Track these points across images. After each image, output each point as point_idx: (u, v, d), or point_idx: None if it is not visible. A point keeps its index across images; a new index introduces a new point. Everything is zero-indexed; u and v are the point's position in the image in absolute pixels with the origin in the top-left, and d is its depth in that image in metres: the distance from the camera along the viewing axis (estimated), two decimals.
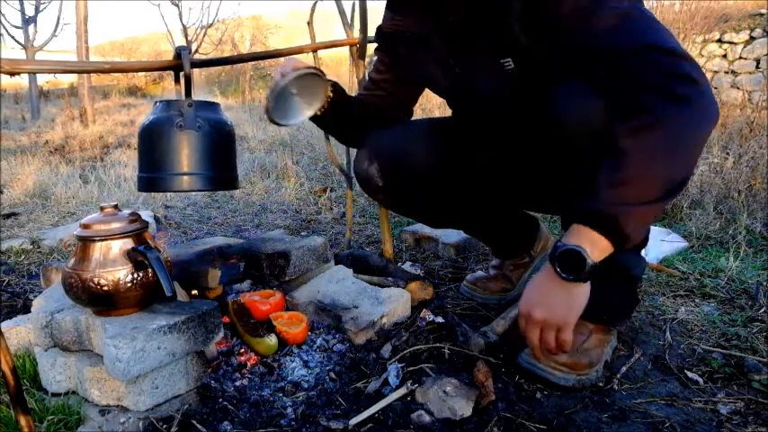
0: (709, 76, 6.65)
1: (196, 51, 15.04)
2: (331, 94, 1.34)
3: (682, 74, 0.90)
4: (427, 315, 1.48)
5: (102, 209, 1.13)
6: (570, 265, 0.96)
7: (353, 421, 1.06)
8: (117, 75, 15.98)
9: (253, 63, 15.36)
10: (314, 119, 1.38)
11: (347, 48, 1.80)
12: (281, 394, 1.18)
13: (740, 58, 6.48)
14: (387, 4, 1.34)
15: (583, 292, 1.00)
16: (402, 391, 1.14)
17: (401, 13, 1.30)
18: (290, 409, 1.12)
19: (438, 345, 1.34)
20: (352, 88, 1.83)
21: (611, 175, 0.92)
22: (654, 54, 0.92)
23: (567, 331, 1.01)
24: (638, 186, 0.91)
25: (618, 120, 0.94)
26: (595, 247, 0.94)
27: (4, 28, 13.55)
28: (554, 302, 1.00)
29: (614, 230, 0.93)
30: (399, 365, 1.25)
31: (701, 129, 0.92)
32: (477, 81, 1.23)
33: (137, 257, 1.08)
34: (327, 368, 1.27)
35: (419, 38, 1.27)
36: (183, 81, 1.23)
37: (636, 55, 0.93)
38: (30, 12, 13.80)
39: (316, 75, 1.27)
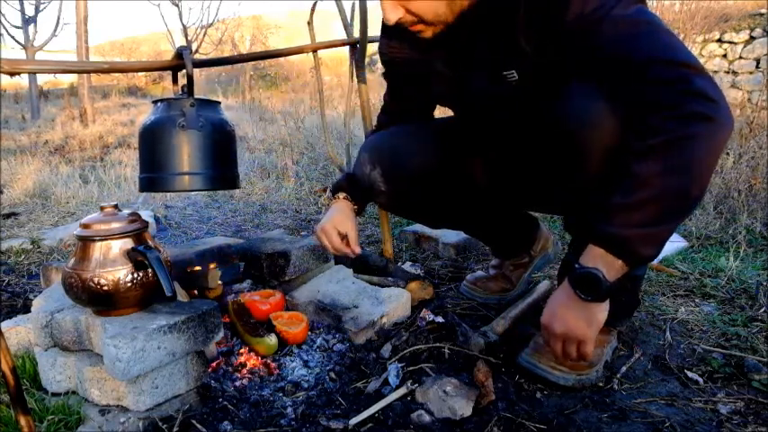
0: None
1: (196, 51, 15.03)
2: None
3: (695, 91, 0.88)
4: (427, 315, 1.48)
5: (102, 209, 1.13)
6: (588, 286, 0.98)
7: (353, 421, 1.06)
8: (117, 75, 15.98)
9: (253, 63, 15.36)
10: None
11: (347, 48, 1.80)
12: (281, 394, 1.18)
13: (740, 58, 6.48)
14: (381, 31, 1.33)
15: (602, 308, 1.02)
16: (402, 390, 1.14)
17: (395, 39, 1.29)
18: (290, 409, 1.12)
19: (438, 345, 1.34)
20: (352, 88, 1.83)
21: (623, 197, 0.92)
22: (666, 69, 0.90)
23: (588, 344, 1.04)
24: (651, 209, 0.91)
25: (630, 139, 0.93)
26: (611, 267, 0.96)
27: (4, 28, 13.55)
28: (574, 319, 1.02)
29: (628, 252, 0.94)
30: (399, 365, 1.25)
31: (716, 145, 0.90)
32: (480, 93, 1.23)
33: (137, 257, 1.08)
34: (327, 368, 1.27)
35: (416, 61, 1.26)
36: (186, 80, 1.23)
37: (647, 70, 0.91)
38: (30, 12, 13.80)
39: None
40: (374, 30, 1.64)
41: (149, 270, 1.08)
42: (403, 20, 1.06)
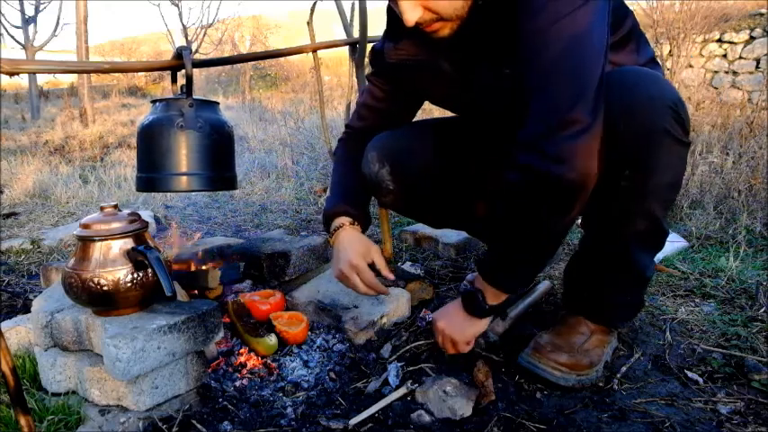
0: (709, 76, 6.66)
1: (196, 51, 15.03)
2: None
3: (521, 165, 0.96)
4: (427, 315, 1.48)
5: (102, 209, 1.13)
6: (469, 303, 1.15)
7: (353, 421, 1.06)
8: (117, 75, 15.99)
9: (253, 63, 15.37)
10: None
11: (347, 48, 1.81)
12: (281, 394, 1.18)
13: (740, 58, 6.49)
14: (384, 36, 1.31)
15: (479, 324, 1.18)
16: (402, 390, 1.14)
17: (401, 40, 1.26)
18: (290, 409, 1.12)
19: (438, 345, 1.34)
20: (351, 88, 1.83)
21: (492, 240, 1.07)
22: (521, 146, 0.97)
23: (460, 345, 1.20)
24: (500, 245, 1.08)
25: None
26: (487, 291, 1.12)
27: (4, 28, 13.56)
28: (453, 324, 1.19)
29: (489, 279, 1.10)
30: (399, 365, 1.25)
31: (538, 206, 0.98)
32: (483, 91, 1.23)
33: (137, 257, 1.08)
34: (327, 368, 1.27)
35: (424, 62, 1.24)
36: (185, 81, 1.23)
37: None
38: (30, 12, 13.81)
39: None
40: (374, 30, 1.64)
41: (149, 270, 1.08)
42: (422, 19, 1.05)
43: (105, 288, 1.06)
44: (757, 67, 6.33)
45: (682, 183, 1.17)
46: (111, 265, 1.07)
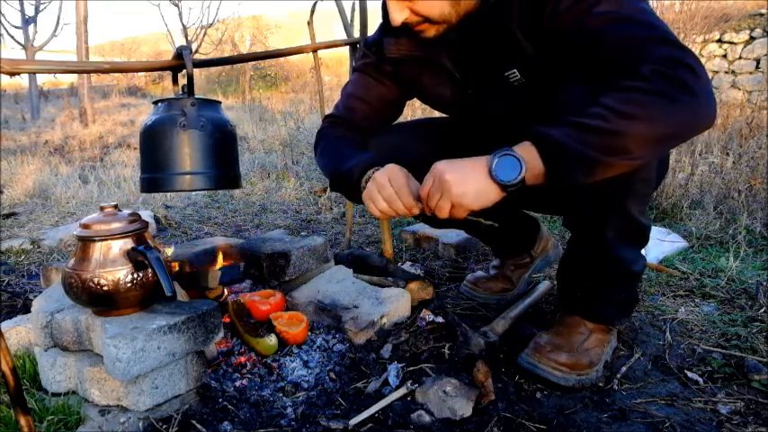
0: (708, 75, 6.67)
1: (196, 51, 15.03)
2: None
3: (689, 65, 0.89)
4: (427, 315, 1.48)
5: (102, 209, 1.13)
6: (507, 166, 0.95)
7: (353, 421, 1.06)
8: (117, 75, 15.99)
9: (253, 63, 15.37)
10: None
11: (347, 48, 1.81)
12: (281, 394, 1.18)
13: (740, 58, 6.49)
14: (384, 32, 1.29)
15: (494, 194, 0.98)
16: (402, 391, 1.14)
17: (401, 36, 1.24)
18: (290, 409, 1.12)
19: (438, 345, 1.34)
20: None
21: (577, 117, 0.91)
22: (656, 44, 0.92)
23: (461, 210, 1.00)
24: (593, 136, 0.89)
25: (615, 77, 0.93)
26: (531, 167, 0.93)
27: (4, 28, 13.58)
28: (466, 181, 0.98)
29: (552, 157, 0.92)
30: (399, 365, 1.25)
31: (685, 121, 0.91)
32: (485, 97, 1.23)
33: (137, 257, 1.08)
34: (327, 368, 1.27)
35: (426, 59, 1.24)
36: (186, 80, 1.23)
37: (637, 42, 0.93)
38: (30, 12, 13.82)
39: None
40: (374, 29, 1.64)
41: (149, 270, 1.08)
42: (408, 20, 1.08)
43: (105, 288, 1.06)
44: (757, 67, 6.33)
45: (654, 177, 1.16)
46: (111, 266, 1.07)
